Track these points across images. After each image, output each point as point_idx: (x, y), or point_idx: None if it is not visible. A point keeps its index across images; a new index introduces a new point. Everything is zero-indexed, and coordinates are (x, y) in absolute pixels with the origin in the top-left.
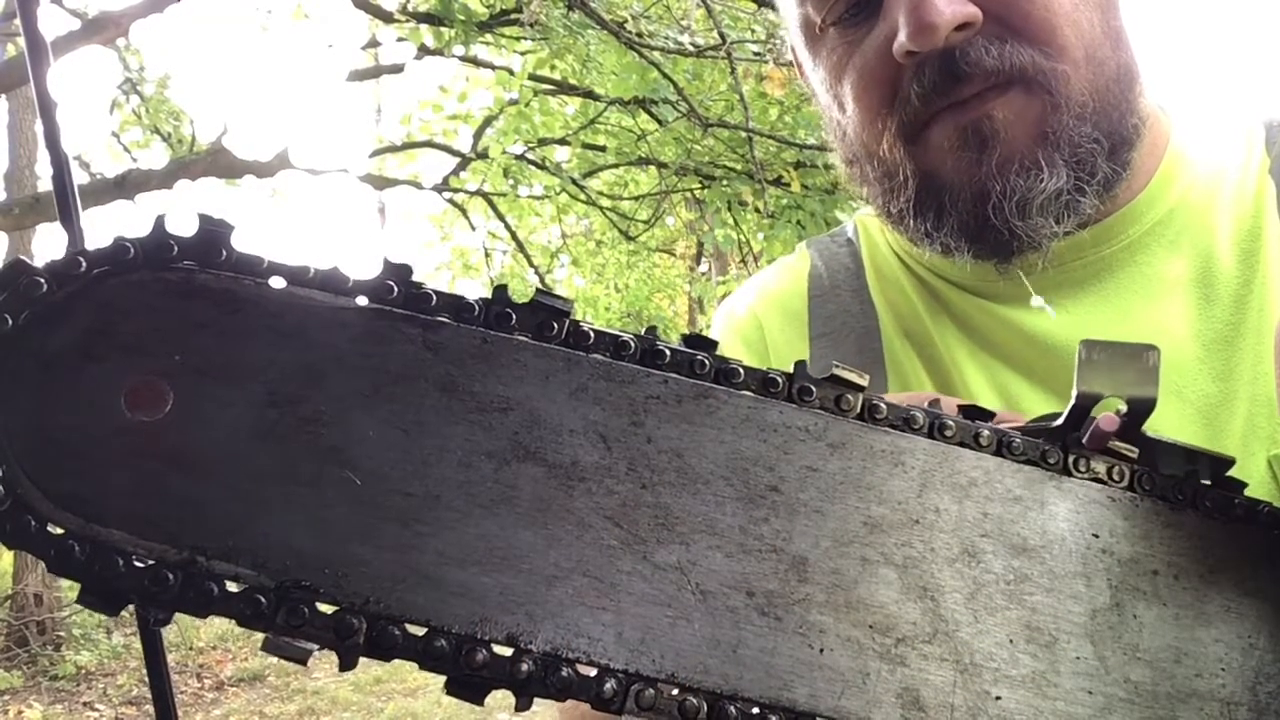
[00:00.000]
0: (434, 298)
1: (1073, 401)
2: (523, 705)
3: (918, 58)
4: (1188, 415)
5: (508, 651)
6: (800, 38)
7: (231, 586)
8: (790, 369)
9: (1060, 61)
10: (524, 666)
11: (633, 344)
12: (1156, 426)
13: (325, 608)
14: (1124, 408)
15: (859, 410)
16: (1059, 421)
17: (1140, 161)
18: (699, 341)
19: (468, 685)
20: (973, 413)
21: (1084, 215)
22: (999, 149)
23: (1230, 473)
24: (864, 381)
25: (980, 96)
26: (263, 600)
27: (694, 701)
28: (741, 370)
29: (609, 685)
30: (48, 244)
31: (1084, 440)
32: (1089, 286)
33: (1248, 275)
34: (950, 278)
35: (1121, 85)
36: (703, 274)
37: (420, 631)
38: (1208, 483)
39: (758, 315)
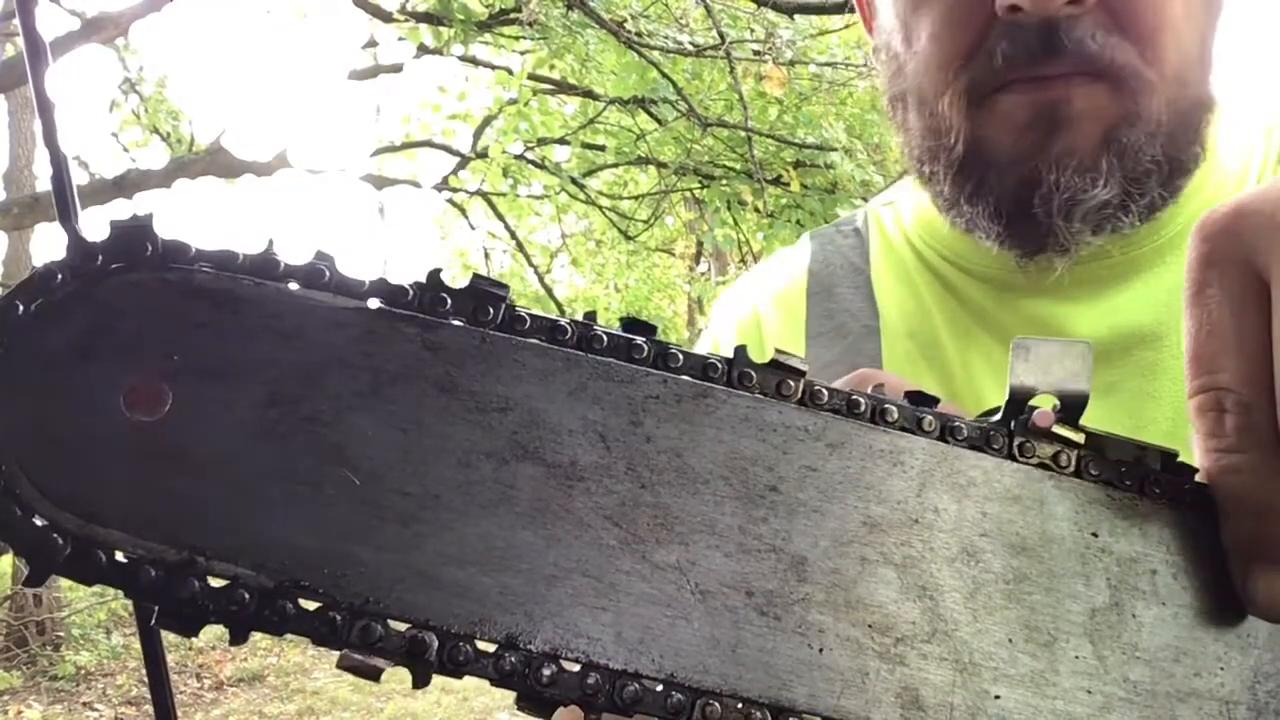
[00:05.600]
0: (365, 284)
1: (1007, 396)
2: None
3: (1018, 17)
4: None
5: (575, 667)
6: None
7: (307, 605)
8: (730, 354)
9: (1153, 71)
10: (591, 681)
11: (569, 329)
12: (1175, 422)
13: (398, 625)
14: (1058, 403)
15: (800, 395)
16: (997, 416)
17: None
18: (636, 326)
19: (538, 700)
20: (917, 398)
21: (1121, 232)
22: (1066, 138)
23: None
24: (805, 367)
25: (1067, 78)
26: (337, 619)
27: (758, 714)
28: (681, 355)
29: (675, 698)
30: (46, 244)
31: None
32: (1114, 285)
33: None
34: (968, 267)
35: (1196, 113)
36: (702, 274)
37: (490, 649)
38: (1156, 467)
39: (757, 310)
